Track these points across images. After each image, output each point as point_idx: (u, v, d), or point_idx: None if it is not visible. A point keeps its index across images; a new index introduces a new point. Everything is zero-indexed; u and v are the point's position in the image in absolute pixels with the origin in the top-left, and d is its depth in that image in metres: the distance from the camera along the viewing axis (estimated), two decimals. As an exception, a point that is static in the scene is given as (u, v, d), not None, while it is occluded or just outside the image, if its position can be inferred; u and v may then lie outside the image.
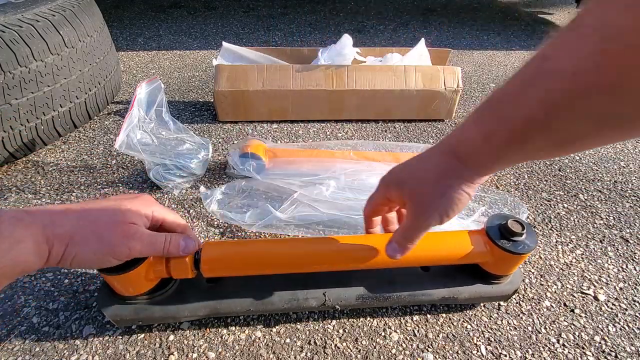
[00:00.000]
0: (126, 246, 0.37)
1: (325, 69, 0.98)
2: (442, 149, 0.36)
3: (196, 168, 0.77)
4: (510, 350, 0.50)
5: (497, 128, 0.30)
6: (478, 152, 0.32)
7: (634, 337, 0.52)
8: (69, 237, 0.35)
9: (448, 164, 0.35)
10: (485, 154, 0.32)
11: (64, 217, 0.36)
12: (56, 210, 0.36)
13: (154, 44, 1.59)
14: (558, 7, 2.42)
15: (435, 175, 0.36)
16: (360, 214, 0.67)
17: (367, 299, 0.51)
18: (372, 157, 0.80)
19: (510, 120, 0.28)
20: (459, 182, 0.35)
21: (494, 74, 1.41)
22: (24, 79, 0.71)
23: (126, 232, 0.38)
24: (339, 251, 0.47)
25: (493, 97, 0.30)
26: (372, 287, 0.51)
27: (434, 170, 0.36)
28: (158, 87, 0.76)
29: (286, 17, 2.01)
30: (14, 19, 0.70)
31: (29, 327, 0.51)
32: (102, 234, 0.36)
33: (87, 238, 0.35)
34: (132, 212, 0.39)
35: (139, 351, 0.49)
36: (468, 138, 0.33)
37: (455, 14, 2.16)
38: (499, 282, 0.52)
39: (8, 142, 0.74)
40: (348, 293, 0.51)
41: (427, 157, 0.38)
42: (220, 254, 0.46)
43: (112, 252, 0.37)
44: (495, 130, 0.30)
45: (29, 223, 0.33)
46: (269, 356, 0.49)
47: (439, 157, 0.36)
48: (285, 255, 0.47)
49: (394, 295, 0.51)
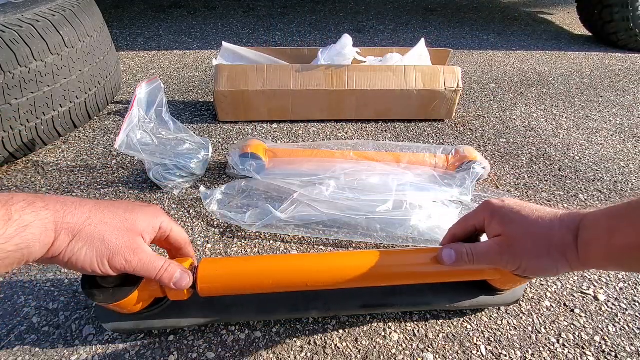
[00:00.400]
0: (123, 258, 0.36)
1: (325, 69, 0.98)
2: (567, 224, 0.36)
3: (196, 168, 0.77)
4: (510, 350, 0.50)
5: (625, 227, 0.31)
6: (598, 244, 0.33)
7: (634, 337, 0.52)
8: (77, 230, 0.34)
9: (562, 239, 0.36)
10: (602, 247, 0.33)
11: (77, 208, 0.35)
12: (70, 200, 0.35)
13: (154, 44, 1.59)
14: (558, 7, 2.42)
15: (545, 239, 0.37)
16: (360, 214, 0.67)
17: (369, 309, 0.51)
18: (372, 157, 0.80)
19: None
20: (561, 258, 0.36)
21: (494, 74, 1.41)
22: (24, 79, 0.71)
23: (130, 244, 0.37)
24: (339, 269, 0.45)
25: (634, 204, 0.32)
26: (374, 297, 0.51)
27: (548, 234, 0.37)
28: (158, 87, 0.76)
29: (286, 17, 2.01)
30: (14, 19, 0.70)
31: (29, 327, 0.51)
32: (108, 237, 0.36)
33: (92, 237, 0.35)
34: (142, 222, 0.39)
35: (139, 351, 0.49)
36: (595, 226, 0.34)
37: (455, 14, 2.16)
38: (502, 292, 0.52)
39: (8, 142, 0.74)
40: (350, 303, 0.50)
41: (548, 218, 0.38)
42: (217, 274, 0.44)
43: (110, 259, 0.36)
44: (623, 229, 0.31)
45: (39, 208, 0.32)
46: (269, 356, 0.49)
47: (560, 229, 0.37)
48: (284, 275, 0.45)
49: (395, 305, 0.51)
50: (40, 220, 0.32)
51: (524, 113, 1.13)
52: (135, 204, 0.41)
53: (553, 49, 1.69)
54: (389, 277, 0.46)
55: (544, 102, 1.20)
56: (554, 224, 0.37)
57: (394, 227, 0.67)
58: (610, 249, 0.32)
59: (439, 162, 0.80)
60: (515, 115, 1.12)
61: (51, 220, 0.33)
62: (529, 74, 1.42)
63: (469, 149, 0.81)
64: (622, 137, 1.02)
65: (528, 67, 1.49)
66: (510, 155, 0.92)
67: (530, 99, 1.22)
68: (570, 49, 1.70)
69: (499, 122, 1.07)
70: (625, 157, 0.94)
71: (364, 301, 0.51)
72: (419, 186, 0.73)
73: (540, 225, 0.38)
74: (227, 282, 0.44)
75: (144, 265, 0.38)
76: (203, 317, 0.48)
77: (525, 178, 0.84)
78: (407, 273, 0.46)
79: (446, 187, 0.74)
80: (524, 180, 0.84)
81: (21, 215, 0.31)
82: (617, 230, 0.32)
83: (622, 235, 0.31)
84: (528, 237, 0.38)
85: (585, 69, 1.48)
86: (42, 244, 0.32)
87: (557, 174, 0.86)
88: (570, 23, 2.09)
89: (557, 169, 0.88)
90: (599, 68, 1.49)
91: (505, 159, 0.91)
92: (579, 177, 0.86)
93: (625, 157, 0.93)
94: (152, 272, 0.39)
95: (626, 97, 1.25)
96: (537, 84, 1.33)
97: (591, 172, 0.87)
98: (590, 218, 0.35)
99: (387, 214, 0.67)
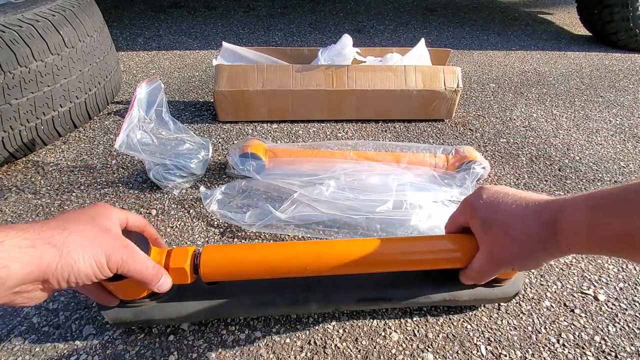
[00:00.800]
0: (119, 256, 0.36)
1: (325, 69, 0.98)
2: (544, 218, 0.36)
3: (196, 168, 0.77)
4: (510, 350, 0.50)
5: (610, 222, 0.31)
6: (579, 238, 0.33)
7: (634, 337, 0.52)
8: (61, 242, 0.31)
9: (543, 235, 0.36)
10: (583, 240, 0.33)
11: (46, 224, 0.33)
12: (33, 222, 0.34)
13: (154, 44, 1.59)
14: (558, 7, 2.42)
15: (525, 238, 0.37)
16: (360, 214, 0.67)
17: (368, 302, 0.51)
18: (372, 157, 0.80)
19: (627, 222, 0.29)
20: (544, 253, 0.37)
21: (494, 74, 1.41)
22: (24, 79, 0.71)
23: (119, 242, 0.36)
24: (340, 255, 0.46)
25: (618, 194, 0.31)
26: (373, 289, 0.51)
27: (526, 233, 0.37)
28: (158, 87, 0.76)
29: (286, 17, 2.01)
30: (14, 19, 0.70)
31: (29, 327, 0.51)
32: (97, 239, 0.34)
33: (82, 244, 0.33)
34: (107, 221, 0.38)
35: (139, 351, 0.49)
36: (575, 220, 0.33)
37: (455, 14, 2.16)
38: (500, 284, 0.52)
39: (8, 142, 0.74)
40: (349, 296, 0.51)
41: (525, 213, 0.37)
42: (220, 258, 0.46)
43: (108, 259, 0.34)
44: (607, 223, 0.31)
45: (5, 230, 0.30)
46: (269, 356, 0.49)
47: (538, 225, 0.36)
48: (287, 259, 0.46)
49: (394, 298, 0.51)
50: (11, 239, 0.29)
51: (524, 113, 1.13)
52: (86, 209, 0.39)
53: (553, 49, 1.69)
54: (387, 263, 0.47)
55: (544, 102, 1.20)
56: (530, 219, 0.37)
57: (394, 227, 0.67)
58: (591, 241, 0.32)
59: (439, 162, 0.80)
60: (515, 115, 1.12)
61: (23, 237, 0.30)
62: (529, 74, 1.42)
63: (469, 149, 0.81)
64: (622, 137, 1.02)
65: (528, 67, 1.49)
66: (510, 155, 0.92)
67: (530, 99, 1.22)
68: (570, 49, 1.70)
69: (499, 122, 1.07)
70: (625, 157, 0.94)
71: (363, 294, 0.51)
72: (419, 186, 0.73)
73: (517, 224, 0.38)
74: (229, 266, 0.45)
75: (138, 263, 0.38)
76: (203, 310, 0.48)
77: (525, 178, 0.84)
78: (405, 260, 0.47)
79: (446, 187, 0.74)
80: (524, 180, 0.84)
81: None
82: (600, 224, 0.31)
83: (606, 228, 0.31)
84: (507, 241, 0.39)
85: (585, 69, 1.48)
86: (21, 264, 0.29)
87: (557, 174, 0.86)
88: (570, 23, 2.09)
89: (557, 169, 0.88)
90: (599, 68, 1.49)
91: (505, 159, 0.91)
92: (579, 177, 0.86)
93: (625, 157, 0.93)
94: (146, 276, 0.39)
95: (626, 97, 1.25)
96: (537, 84, 1.33)
97: (591, 172, 0.87)
98: (569, 210, 0.34)
99: (387, 214, 0.67)
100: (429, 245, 0.49)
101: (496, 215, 0.40)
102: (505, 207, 0.39)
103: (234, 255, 0.46)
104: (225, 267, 0.46)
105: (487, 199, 0.41)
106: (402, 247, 0.48)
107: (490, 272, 0.44)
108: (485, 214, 0.41)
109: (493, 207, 0.40)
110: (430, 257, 0.48)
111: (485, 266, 0.43)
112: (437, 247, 0.48)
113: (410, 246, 0.48)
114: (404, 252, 0.48)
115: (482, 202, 0.41)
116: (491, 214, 0.40)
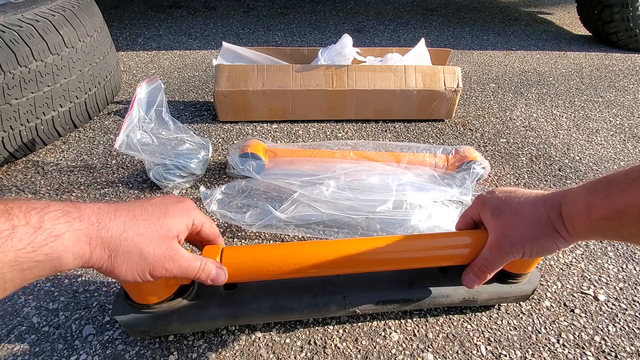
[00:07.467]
0: (163, 267, 0.37)
1: (325, 69, 0.98)
2: (551, 202, 0.39)
3: (196, 168, 0.77)
4: (510, 350, 0.50)
5: (600, 203, 0.34)
6: (579, 218, 0.36)
7: (634, 337, 0.52)
8: (113, 246, 0.34)
9: (551, 216, 0.39)
10: (584, 221, 0.36)
11: (112, 220, 0.35)
12: (105, 211, 0.35)
13: (154, 44, 1.59)
14: (558, 7, 2.42)
15: (535, 220, 0.40)
16: (360, 214, 0.67)
17: (387, 302, 0.50)
18: (372, 157, 0.80)
19: (614, 200, 0.33)
20: (554, 234, 0.39)
21: (494, 74, 1.41)
22: (24, 79, 0.71)
23: (167, 252, 0.37)
24: (359, 253, 0.46)
25: (609, 177, 0.35)
26: (392, 289, 0.51)
27: (535, 214, 0.40)
28: (158, 87, 0.76)
29: (286, 17, 2.01)
30: (14, 19, 0.70)
31: (29, 327, 0.51)
32: (146, 249, 0.36)
33: (130, 252, 0.35)
34: (176, 225, 0.39)
35: (139, 351, 0.49)
36: (575, 202, 0.37)
37: (455, 14, 2.16)
38: (516, 281, 0.52)
39: (8, 142, 0.74)
40: (368, 296, 0.50)
41: (534, 200, 0.41)
42: (241, 259, 0.45)
43: (151, 271, 0.37)
44: (598, 204, 0.34)
45: (73, 218, 0.32)
46: (269, 356, 0.49)
47: (545, 208, 0.40)
48: (306, 258, 0.46)
49: (413, 299, 0.51)
50: (73, 231, 0.31)
51: (524, 113, 1.13)
52: (168, 203, 0.41)
53: (553, 49, 1.69)
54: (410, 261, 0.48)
55: (544, 102, 1.20)
56: (539, 204, 0.40)
57: (394, 227, 0.67)
58: (590, 222, 0.35)
59: (439, 162, 0.80)
60: (515, 115, 1.12)
61: (84, 233, 0.32)
62: (529, 74, 1.42)
63: (469, 149, 0.81)
64: (622, 137, 1.02)
65: (528, 67, 1.49)
66: (510, 155, 0.92)
67: (530, 99, 1.22)
68: (570, 49, 1.70)
69: (499, 122, 1.07)
70: (625, 157, 0.94)
71: (383, 294, 0.50)
72: (419, 186, 0.73)
73: (527, 208, 0.41)
74: (250, 266, 0.45)
75: (183, 270, 0.39)
76: (222, 316, 0.47)
77: (525, 178, 0.84)
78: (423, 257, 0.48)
79: (446, 187, 0.74)
80: (524, 180, 0.84)
81: (53, 224, 0.30)
82: (594, 206, 0.35)
83: (599, 209, 0.34)
84: (519, 222, 0.41)
85: (585, 69, 1.48)
86: (75, 256, 0.31)
87: (557, 174, 0.86)
88: (570, 23, 2.09)
89: (557, 169, 0.88)
90: (599, 68, 1.49)
91: (505, 159, 0.91)
92: (579, 177, 0.86)
93: (625, 157, 0.93)
94: (191, 274, 0.40)
95: (626, 97, 1.25)
96: (537, 84, 1.33)
97: (591, 172, 0.87)
98: (571, 195, 0.38)
99: (387, 214, 0.67)
100: (448, 242, 0.49)
101: (507, 203, 0.43)
102: (515, 198, 0.43)
103: (255, 255, 0.46)
104: (247, 267, 0.45)
105: (498, 193, 0.45)
106: (423, 244, 0.48)
107: (499, 259, 0.43)
108: (496, 203, 0.44)
109: (504, 198, 0.44)
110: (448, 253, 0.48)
111: (495, 252, 0.43)
112: (453, 242, 0.49)
113: (433, 242, 0.49)
114: (424, 249, 0.48)
115: (493, 195, 0.45)
116: (502, 203, 0.44)
